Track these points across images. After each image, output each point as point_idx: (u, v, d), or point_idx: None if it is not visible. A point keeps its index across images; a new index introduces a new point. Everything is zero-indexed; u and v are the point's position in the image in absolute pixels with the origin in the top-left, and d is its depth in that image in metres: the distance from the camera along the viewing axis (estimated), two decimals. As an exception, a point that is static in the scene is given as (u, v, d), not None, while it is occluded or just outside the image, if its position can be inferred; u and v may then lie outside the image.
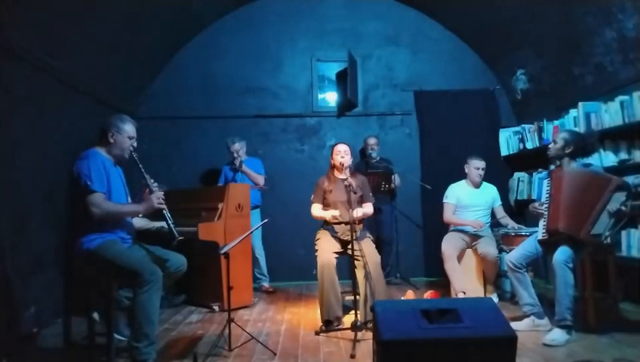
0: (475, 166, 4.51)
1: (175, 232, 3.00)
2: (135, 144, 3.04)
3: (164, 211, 2.98)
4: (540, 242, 3.47)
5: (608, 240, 3.35)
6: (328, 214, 3.86)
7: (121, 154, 3.00)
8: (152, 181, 2.99)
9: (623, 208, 3.20)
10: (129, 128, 3.00)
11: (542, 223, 3.47)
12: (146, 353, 2.69)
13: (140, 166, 3.00)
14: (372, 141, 5.50)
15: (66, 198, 3.99)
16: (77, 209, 2.84)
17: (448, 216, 4.54)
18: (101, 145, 2.98)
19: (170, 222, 2.99)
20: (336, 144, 4.08)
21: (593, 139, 3.78)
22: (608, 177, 3.29)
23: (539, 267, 4.31)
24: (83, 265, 2.81)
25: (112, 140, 2.96)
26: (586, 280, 3.51)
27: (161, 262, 2.93)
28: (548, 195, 3.46)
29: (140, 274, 2.69)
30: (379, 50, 6.15)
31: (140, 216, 3.13)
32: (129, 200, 3.08)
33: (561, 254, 3.25)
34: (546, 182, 3.55)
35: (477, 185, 4.56)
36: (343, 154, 3.95)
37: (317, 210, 4.00)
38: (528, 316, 3.49)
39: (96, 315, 3.15)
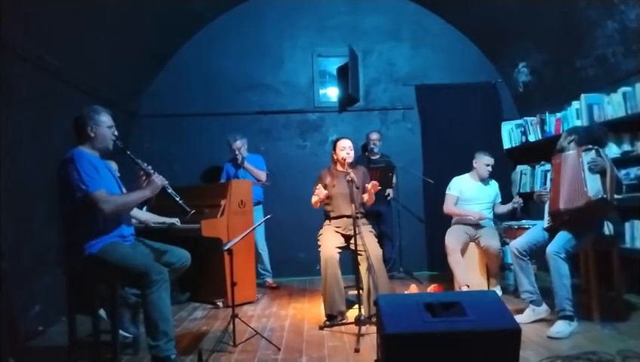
0: (486, 162, 4.54)
1: (185, 206, 2.96)
2: (116, 132, 2.92)
3: (169, 189, 2.93)
4: (547, 230, 3.50)
5: (615, 202, 3.36)
6: (320, 193, 3.84)
7: (105, 147, 2.88)
8: (146, 164, 2.91)
9: (599, 159, 3.25)
10: (106, 118, 2.87)
11: (547, 210, 3.52)
12: (167, 349, 2.66)
13: (128, 152, 2.92)
14: (374, 136, 5.50)
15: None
16: (71, 216, 2.76)
17: (449, 207, 4.55)
18: (83, 143, 2.85)
19: (177, 198, 2.95)
20: (338, 139, 4.07)
21: (597, 128, 3.81)
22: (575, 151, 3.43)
23: (543, 259, 4.31)
24: (85, 269, 2.76)
25: (92, 134, 2.81)
26: (590, 272, 3.52)
27: (165, 258, 2.92)
28: (550, 181, 3.54)
29: (147, 275, 2.65)
30: (380, 44, 6.14)
31: (145, 209, 3.09)
32: (124, 191, 2.99)
33: (553, 245, 3.29)
34: (549, 174, 3.64)
35: (483, 180, 4.57)
36: (348, 151, 3.95)
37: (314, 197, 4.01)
38: (527, 305, 3.52)
39: (102, 312, 3.16)
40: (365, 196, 4.01)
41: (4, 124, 3.36)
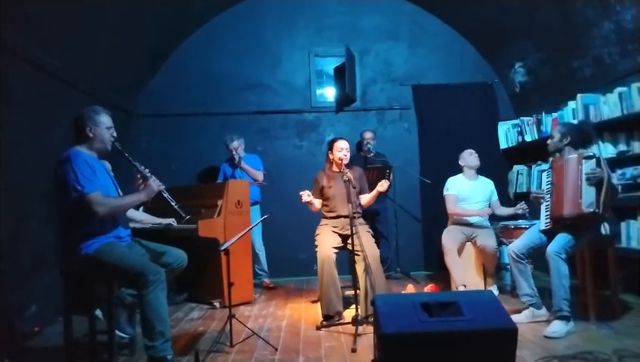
0: (469, 153, 4.59)
1: (181, 211, 2.97)
2: (115, 134, 2.92)
3: (165, 193, 2.92)
4: (545, 232, 3.50)
5: (606, 215, 3.39)
6: (304, 198, 3.85)
7: (103, 147, 2.87)
8: (143, 167, 2.91)
9: (598, 170, 3.24)
10: (105, 119, 2.87)
11: (544, 212, 3.50)
12: (164, 349, 2.65)
13: (127, 155, 2.91)
14: (368, 135, 5.51)
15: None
16: (67, 216, 2.76)
17: (452, 206, 4.53)
18: (81, 143, 2.84)
19: (173, 203, 2.95)
20: (335, 140, 4.06)
21: (589, 129, 3.81)
22: (576, 156, 3.42)
23: (540, 259, 4.33)
24: (82, 269, 2.76)
25: (91, 135, 2.81)
26: (586, 272, 3.53)
27: (161, 258, 2.92)
28: (549, 184, 3.50)
29: (143, 275, 2.64)
30: (377, 44, 6.14)
31: (141, 209, 3.08)
32: (120, 192, 2.99)
33: (554, 245, 3.30)
34: (545, 174, 3.59)
35: (475, 169, 4.59)
36: (345, 152, 3.96)
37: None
38: (527, 307, 3.52)
39: (99, 313, 3.15)
40: (366, 197, 4.02)
41: (4, 124, 3.35)
